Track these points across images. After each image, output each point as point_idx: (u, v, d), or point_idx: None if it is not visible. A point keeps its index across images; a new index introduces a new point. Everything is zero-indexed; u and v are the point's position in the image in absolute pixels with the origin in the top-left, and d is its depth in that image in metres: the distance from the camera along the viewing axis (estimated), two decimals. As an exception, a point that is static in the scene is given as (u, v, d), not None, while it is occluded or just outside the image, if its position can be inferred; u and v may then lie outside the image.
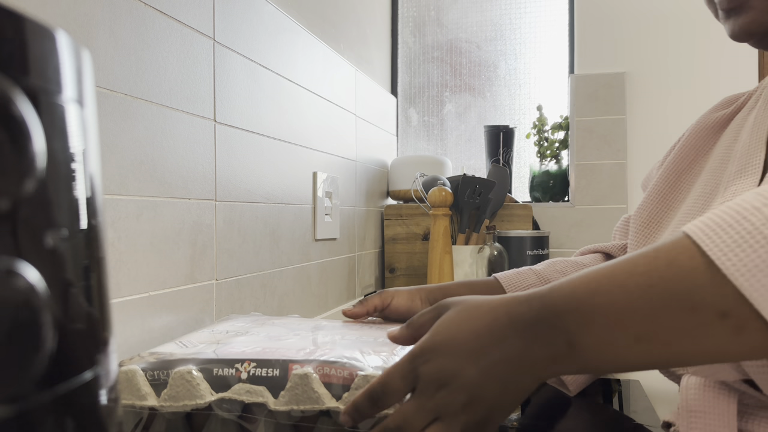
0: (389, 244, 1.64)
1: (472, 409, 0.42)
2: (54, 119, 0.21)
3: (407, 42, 1.97)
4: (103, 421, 0.24)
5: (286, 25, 1.07)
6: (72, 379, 0.21)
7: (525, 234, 1.44)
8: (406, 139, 1.97)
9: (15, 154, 0.19)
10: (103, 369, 0.24)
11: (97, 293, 0.24)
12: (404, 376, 0.44)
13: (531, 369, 0.42)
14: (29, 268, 0.19)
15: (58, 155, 0.22)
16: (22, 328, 0.19)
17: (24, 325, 0.19)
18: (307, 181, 1.16)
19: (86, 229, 0.23)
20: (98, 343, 0.24)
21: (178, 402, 0.51)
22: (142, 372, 0.52)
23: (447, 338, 0.43)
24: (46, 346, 0.20)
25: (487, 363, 0.42)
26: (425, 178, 1.52)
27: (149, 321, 0.71)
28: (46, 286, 0.20)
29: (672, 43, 1.71)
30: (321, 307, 1.22)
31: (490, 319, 0.43)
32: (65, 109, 0.22)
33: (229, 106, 0.88)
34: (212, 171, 0.84)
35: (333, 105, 1.30)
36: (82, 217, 0.23)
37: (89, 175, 0.24)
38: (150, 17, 0.71)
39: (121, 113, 0.66)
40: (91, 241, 0.24)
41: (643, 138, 1.73)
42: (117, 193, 0.65)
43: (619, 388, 0.88)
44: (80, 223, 0.23)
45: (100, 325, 0.24)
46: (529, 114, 1.88)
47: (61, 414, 0.21)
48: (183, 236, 0.77)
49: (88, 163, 0.24)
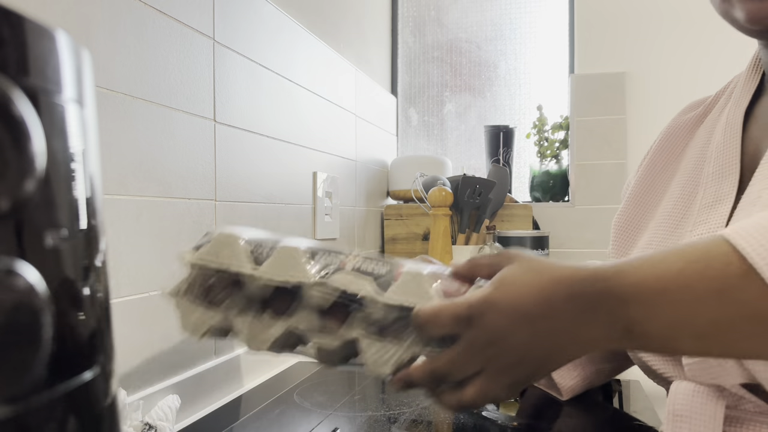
0: (389, 244, 1.64)
1: (515, 370, 0.44)
2: (54, 119, 0.21)
3: (407, 42, 1.97)
4: (103, 421, 0.24)
5: (286, 24, 1.07)
6: (72, 379, 0.21)
7: (525, 234, 1.44)
8: (406, 139, 1.97)
9: (15, 154, 0.19)
10: (102, 369, 0.24)
11: (97, 293, 0.24)
12: (459, 321, 0.44)
13: (582, 344, 0.43)
14: (29, 268, 0.19)
15: (58, 155, 0.22)
16: (22, 328, 0.19)
17: (24, 325, 0.19)
18: (307, 181, 1.16)
19: (86, 229, 0.23)
20: (98, 343, 0.24)
21: (279, 276, 0.48)
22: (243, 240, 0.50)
23: (506, 297, 0.44)
24: (46, 346, 0.20)
25: (540, 330, 0.43)
26: (425, 178, 1.52)
27: (149, 321, 0.71)
28: (46, 286, 0.20)
29: (672, 43, 1.71)
30: (321, 307, 1.22)
31: (550, 290, 0.43)
32: (65, 109, 0.22)
33: (229, 106, 0.88)
34: (212, 171, 0.84)
35: (333, 105, 1.30)
36: (82, 217, 0.23)
37: (89, 175, 0.24)
38: (150, 17, 0.71)
39: (121, 113, 0.66)
40: (91, 241, 0.24)
41: (643, 138, 1.73)
42: (117, 193, 0.65)
43: (619, 388, 0.88)
44: (80, 223, 0.23)
45: (100, 326, 0.24)
46: (529, 114, 1.88)
47: (61, 414, 0.21)
48: (183, 236, 0.77)
49: (88, 163, 0.24)
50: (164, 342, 0.73)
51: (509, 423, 0.73)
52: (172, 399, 0.69)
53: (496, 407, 0.78)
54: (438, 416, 0.75)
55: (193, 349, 0.79)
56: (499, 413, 0.76)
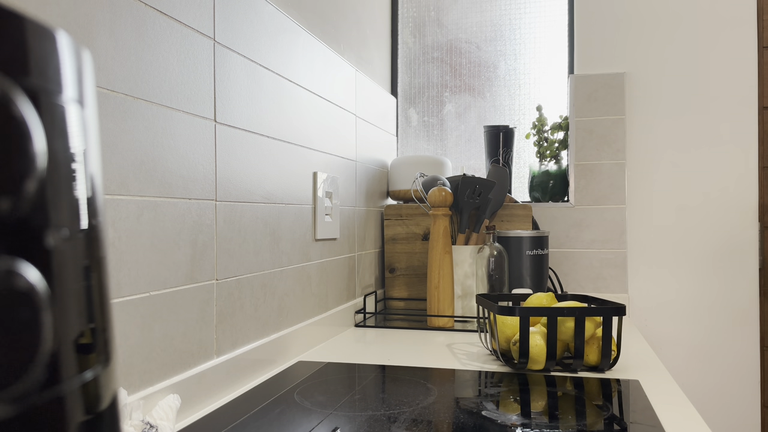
0: (389, 244, 1.64)
1: None
2: (54, 119, 0.22)
3: (407, 42, 1.97)
4: (103, 421, 0.24)
5: (287, 25, 1.07)
6: (72, 379, 0.21)
7: (525, 234, 1.44)
8: (406, 140, 1.97)
9: (15, 154, 0.19)
10: (102, 369, 0.24)
11: (97, 293, 0.24)
12: None
13: None
14: (29, 268, 0.19)
15: (59, 155, 0.22)
16: (22, 328, 0.19)
17: (24, 325, 0.19)
18: (307, 181, 1.16)
19: (87, 229, 0.23)
20: (98, 343, 0.24)
21: None
22: None
23: None
24: (46, 346, 0.20)
25: None
26: (425, 178, 1.52)
27: (149, 321, 0.71)
28: (46, 286, 0.20)
29: (672, 43, 1.71)
30: (321, 307, 1.22)
31: None
32: (66, 109, 0.22)
33: (229, 107, 0.88)
34: (212, 171, 0.84)
35: (333, 105, 1.30)
36: (82, 217, 0.23)
37: (90, 175, 0.24)
38: (150, 17, 0.71)
39: (121, 113, 0.66)
40: (91, 241, 0.24)
41: (642, 138, 1.73)
42: (117, 193, 0.66)
43: (618, 388, 0.88)
44: (81, 223, 0.23)
45: (101, 326, 0.24)
46: (529, 114, 1.88)
47: (61, 414, 0.21)
48: (183, 236, 0.77)
49: (88, 163, 0.24)
50: (164, 342, 0.73)
51: (509, 423, 0.73)
52: (173, 399, 0.69)
53: (495, 407, 0.79)
54: (438, 416, 0.75)
55: (193, 349, 0.79)
56: (499, 413, 0.76)
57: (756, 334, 1.67)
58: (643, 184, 1.73)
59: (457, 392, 0.86)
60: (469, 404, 0.80)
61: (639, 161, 1.73)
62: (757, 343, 1.67)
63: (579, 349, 0.97)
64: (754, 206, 1.67)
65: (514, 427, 0.71)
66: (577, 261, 1.75)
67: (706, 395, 1.69)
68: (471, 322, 1.39)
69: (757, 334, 1.67)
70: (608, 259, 1.73)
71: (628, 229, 1.74)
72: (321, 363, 1.03)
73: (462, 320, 1.40)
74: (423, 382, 0.91)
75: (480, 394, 0.85)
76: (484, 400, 0.82)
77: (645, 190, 1.73)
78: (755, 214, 1.67)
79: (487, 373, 0.98)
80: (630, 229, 1.74)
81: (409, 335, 1.29)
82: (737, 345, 1.68)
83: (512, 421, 0.73)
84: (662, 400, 0.83)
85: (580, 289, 1.74)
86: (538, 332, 0.99)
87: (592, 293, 1.73)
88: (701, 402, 1.69)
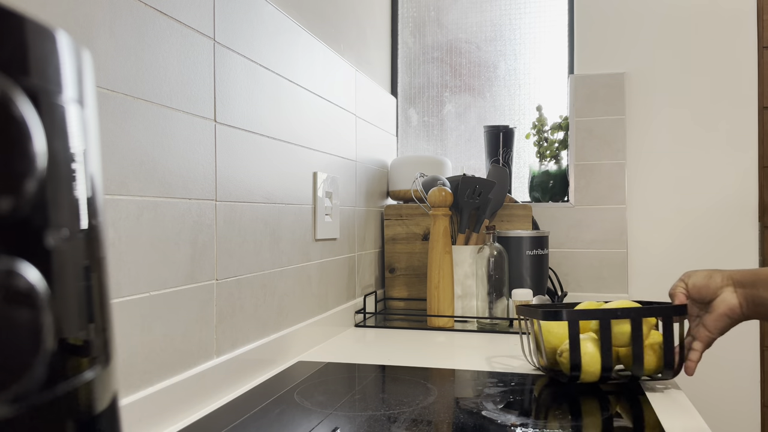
0: (389, 244, 1.64)
1: None
2: (54, 119, 0.22)
3: (407, 42, 1.97)
4: (103, 421, 0.24)
5: (287, 25, 1.07)
6: (72, 379, 0.21)
7: (525, 234, 1.44)
8: (406, 140, 1.98)
9: (15, 154, 0.19)
10: (102, 369, 0.24)
11: (97, 293, 0.24)
12: None
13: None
14: (29, 268, 0.19)
15: (59, 155, 0.22)
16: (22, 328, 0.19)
17: (24, 325, 0.19)
18: (307, 181, 1.16)
19: (87, 229, 0.23)
20: (98, 343, 0.24)
21: None
22: None
23: None
24: (46, 346, 0.20)
25: None
26: (425, 178, 1.52)
27: (149, 321, 0.71)
28: (46, 286, 0.20)
29: (672, 43, 1.71)
30: (321, 307, 1.22)
31: None
32: (66, 109, 0.22)
33: (229, 107, 0.88)
34: (212, 171, 0.84)
35: (333, 105, 1.30)
36: (82, 217, 0.23)
37: (90, 175, 0.24)
38: (150, 17, 0.71)
39: (121, 113, 0.66)
40: (91, 241, 0.24)
41: (642, 138, 1.73)
42: (117, 193, 0.65)
43: (618, 388, 0.88)
44: (81, 223, 0.23)
45: (100, 326, 0.24)
46: (529, 114, 1.88)
47: (61, 414, 0.21)
48: (183, 236, 0.77)
49: (88, 163, 0.24)
50: (164, 342, 0.73)
51: (509, 423, 0.73)
52: None
53: (495, 407, 0.78)
54: (438, 416, 0.75)
55: (193, 349, 0.79)
56: (499, 413, 0.76)
57: (756, 334, 1.67)
58: (643, 184, 1.73)
59: (457, 392, 0.86)
60: (468, 404, 0.80)
61: (639, 161, 1.73)
62: (757, 343, 1.67)
63: (638, 356, 0.85)
64: (754, 206, 1.67)
65: (514, 427, 0.71)
66: (577, 261, 1.75)
67: (706, 395, 1.69)
68: (471, 322, 1.40)
69: (757, 334, 1.67)
70: (608, 259, 1.73)
71: (628, 229, 1.74)
72: (321, 363, 1.03)
73: (462, 320, 1.40)
74: (423, 382, 0.91)
75: (480, 395, 0.85)
76: (484, 400, 0.82)
77: (645, 190, 1.73)
78: (755, 214, 1.67)
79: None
80: (630, 229, 1.74)
81: (409, 335, 1.29)
82: (737, 345, 1.68)
83: (512, 420, 0.73)
84: (662, 399, 0.83)
85: (579, 289, 1.74)
86: (588, 339, 0.87)
87: (592, 293, 1.73)
88: (701, 402, 1.69)
